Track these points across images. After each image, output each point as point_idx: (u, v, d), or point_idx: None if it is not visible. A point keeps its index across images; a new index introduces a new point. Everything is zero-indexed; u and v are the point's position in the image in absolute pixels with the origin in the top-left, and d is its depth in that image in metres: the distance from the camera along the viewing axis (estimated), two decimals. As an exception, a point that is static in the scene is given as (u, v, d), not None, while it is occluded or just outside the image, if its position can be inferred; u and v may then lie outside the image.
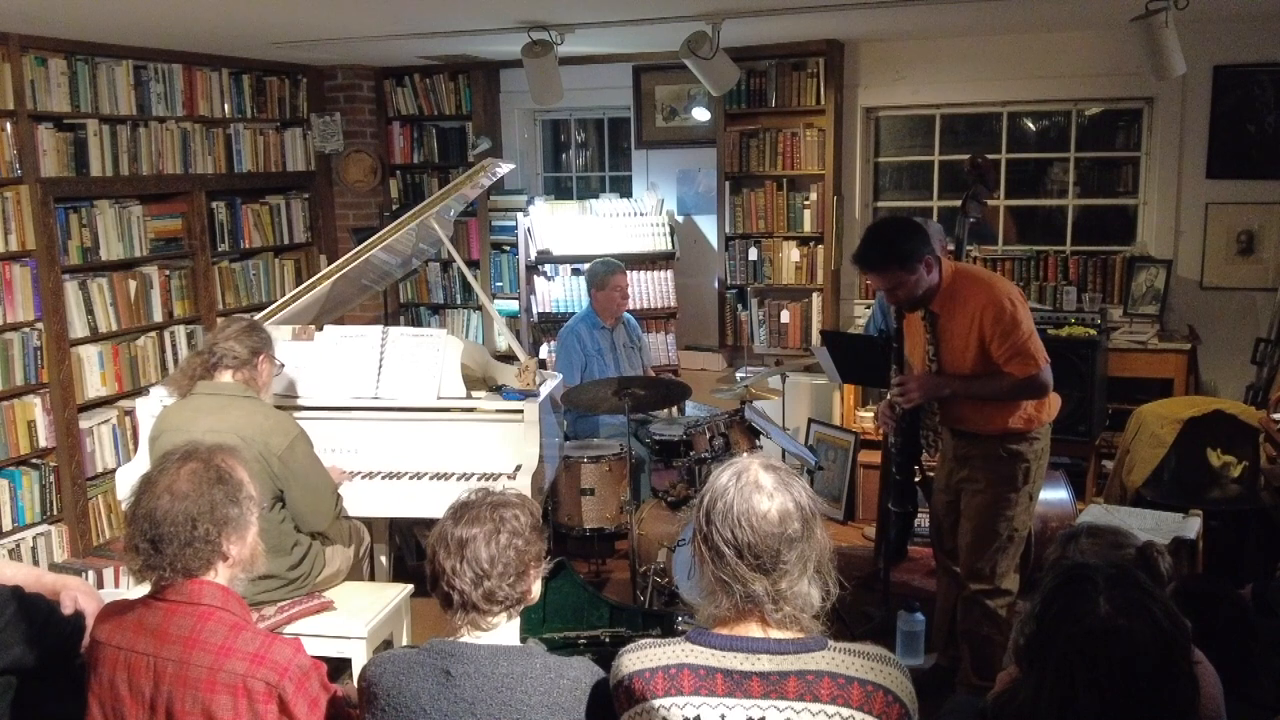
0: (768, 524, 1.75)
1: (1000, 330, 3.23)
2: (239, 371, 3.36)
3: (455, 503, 2.00)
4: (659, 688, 1.78)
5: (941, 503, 3.64)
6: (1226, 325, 5.33)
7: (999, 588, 3.45)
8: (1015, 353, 3.24)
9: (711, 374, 6.07)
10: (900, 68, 5.83)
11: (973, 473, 3.45)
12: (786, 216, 6.00)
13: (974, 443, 3.44)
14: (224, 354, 3.34)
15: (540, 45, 4.82)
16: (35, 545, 4.72)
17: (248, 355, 3.36)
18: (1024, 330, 3.24)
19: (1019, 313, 3.25)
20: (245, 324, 3.46)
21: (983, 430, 3.40)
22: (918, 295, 3.32)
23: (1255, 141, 5.21)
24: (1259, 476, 4.44)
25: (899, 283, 3.29)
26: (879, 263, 3.30)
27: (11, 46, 4.48)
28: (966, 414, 3.42)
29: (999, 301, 3.25)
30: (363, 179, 6.47)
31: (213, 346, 3.36)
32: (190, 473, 2.02)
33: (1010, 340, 3.23)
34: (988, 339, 3.26)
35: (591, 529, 4.63)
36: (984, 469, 3.41)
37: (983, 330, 3.26)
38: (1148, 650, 1.54)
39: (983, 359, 3.30)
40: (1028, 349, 3.24)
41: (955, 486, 3.54)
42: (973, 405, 3.39)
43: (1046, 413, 3.41)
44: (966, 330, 3.30)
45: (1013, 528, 3.42)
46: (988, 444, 3.40)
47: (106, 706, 2.00)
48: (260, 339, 3.44)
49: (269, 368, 3.48)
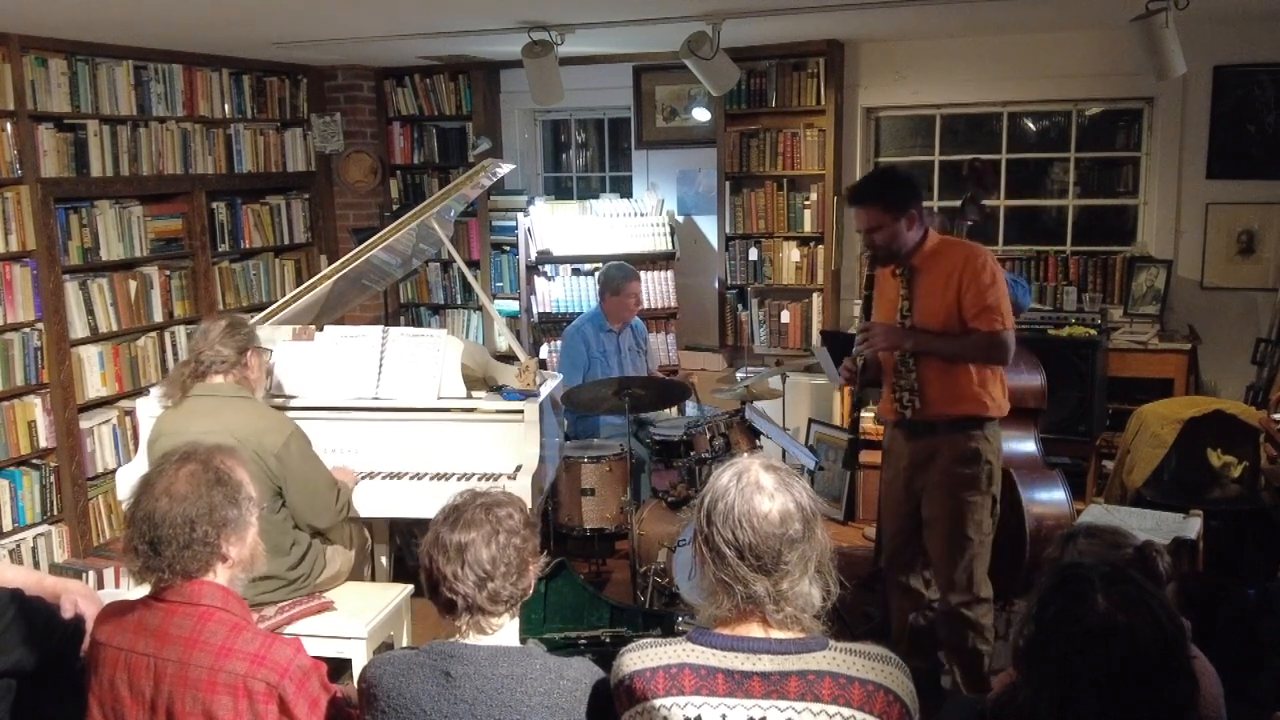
0: (769, 525, 1.75)
1: (977, 284, 3.27)
2: (230, 373, 3.35)
3: (445, 507, 1.99)
4: (660, 687, 1.78)
5: (902, 514, 3.55)
6: (1227, 325, 5.33)
7: (978, 596, 3.40)
8: (984, 307, 3.27)
9: (712, 374, 6.07)
10: (900, 68, 5.83)
11: (935, 478, 3.40)
12: (787, 217, 6.00)
13: (933, 437, 3.38)
14: (212, 360, 3.32)
15: (540, 45, 4.82)
16: (35, 546, 4.71)
17: (235, 356, 3.35)
18: (998, 290, 3.30)
19: (997, 274, 3.32)
20: (226, 324, 3.42)
21: (944, 408, 3.35)
22: (894, 246, 3.35)
23: (1255, 141, 5.21)
24: (1259, 476, 4.44)
25: (880, 224, 3.33)
26: (867, 198, 3.36)
27: (12, 47, 4.48)
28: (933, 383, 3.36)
29: (980, 258, 3.32)
30: (363, 179, 6.47)
31: (199, 355, 3.33)
32: (189, 474, 2.02)
33: (984, 295, 3.27)
34: (963, 290, 3.29)
35: (592, 529, 4.63)
36: (946, 474, 3.37)
37: (960, 283, 3.29)
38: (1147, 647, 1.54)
39: (956, 317, 3.32)
40: (998, 306, 3.29)
41: (914, 495, 3.48)
42: (940, 374, 3.35)
43: (1001, 406, 3.40)
44: (944, 285, 3.32)
45: (981, 533, 3.38)
46: (947, 439, 3.36)
47: (107, 707, 2.00)
48: (244, 335, 3.41)
49: (258, 361, 3.47)
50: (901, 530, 3.58)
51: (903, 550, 3.61)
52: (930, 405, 3.38)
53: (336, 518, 3.48)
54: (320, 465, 3.46)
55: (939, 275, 3.35)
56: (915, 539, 3.55)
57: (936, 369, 3.37)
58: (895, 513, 3.60)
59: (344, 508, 3.52)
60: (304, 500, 3.34)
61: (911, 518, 3.53)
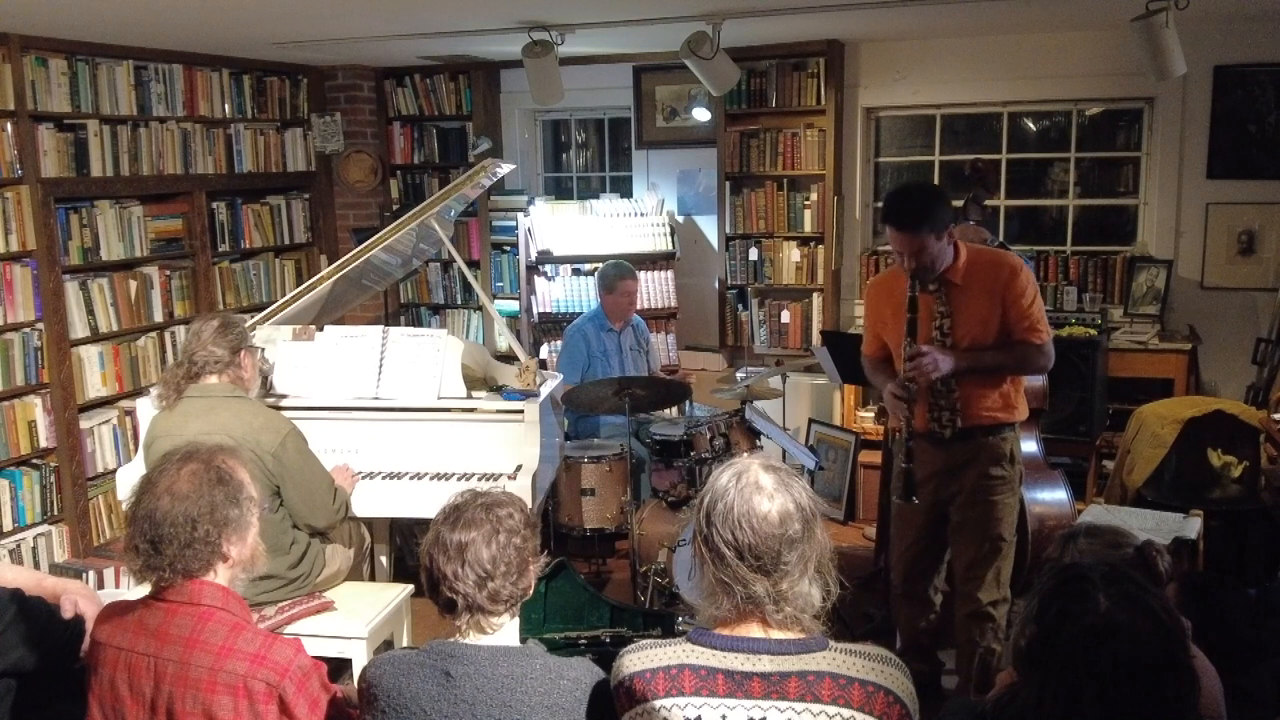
0: (768, 525, 1.75)
1: (1020, 300, 3.28)
2: (224, 373, 3.34)
3: (445, 507, 2.00)
4: (660, 688, 1.78)
5: (919, 524, 3.52)
6: (1227, 325, 5.33)
7: (1006, 596, 3.45)
8: (1031, 322, 3.29)
9: (712, 374, 6.07)
10: (900, 68, 5.82)
11: (967, 483, 3.39)
12: (787, 217, 6.00)
13: (968, 444, 3.37)
14: (205, 361, 3.31)
15: (540, 45, 4.83)
16: (36, 546, 4.72)
17: (229, 356, 3.34)
18: (1039, 302, 3.34)
19: (1032, 283, 3.34)
20: (218, 324, 3.40)
21: (981, 419, 3.35)
22: (937, 265, 3.29)
23: (1255, 141, 5.21)
24: (1260, 476, 4.44)
25: (923, 246, 3.23)
26: (913, 224, 3.22)
27: (12, 47, 4.48)
28: (972, 398, 3.34)
29: (1020, 274, 3.31)
30: (363, 179, 6.47)
31: (192, 356, 3.32)
32: (190, 474, 2.02)
33: (1029, 310, 3.29)
34: (1007, 306, 3.28)
35: (592, 529, 4.63)
36: (981, 475, 3.37)
37: (1005, 300, 3.27)
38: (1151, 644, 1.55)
39: (1000, 330, 3.31)
40: (1041, 317, 3.33)
41: (939, 503, 3.46)
42: (978, 389, 3.34)
43: (1025, 403, 3.45)
44: (988, 302, 3.29)
45: (1012, 533, 3.43)
46: (982, 444, 3.36)
47: (107, 707, 2.00)
48: (237, 335, 3.40)
49: (251, 360, 3.46)
50: (920, 540, 3.56)
51: (921, 560, 3.59)
52: (969, 421, 3.38)
53: (334, 518, 3.48)
54: (318, 465, 3.46)
55: (980, 292, 3.30)
56: (935, 548, 3.54)
57: (976, 385, 3.36)
58: (914, 523, 3.54)
59: (341, 508, 3.51)
60: (301, 500, 3.34)
61: (932, 526, 3.51)
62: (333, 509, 3.45)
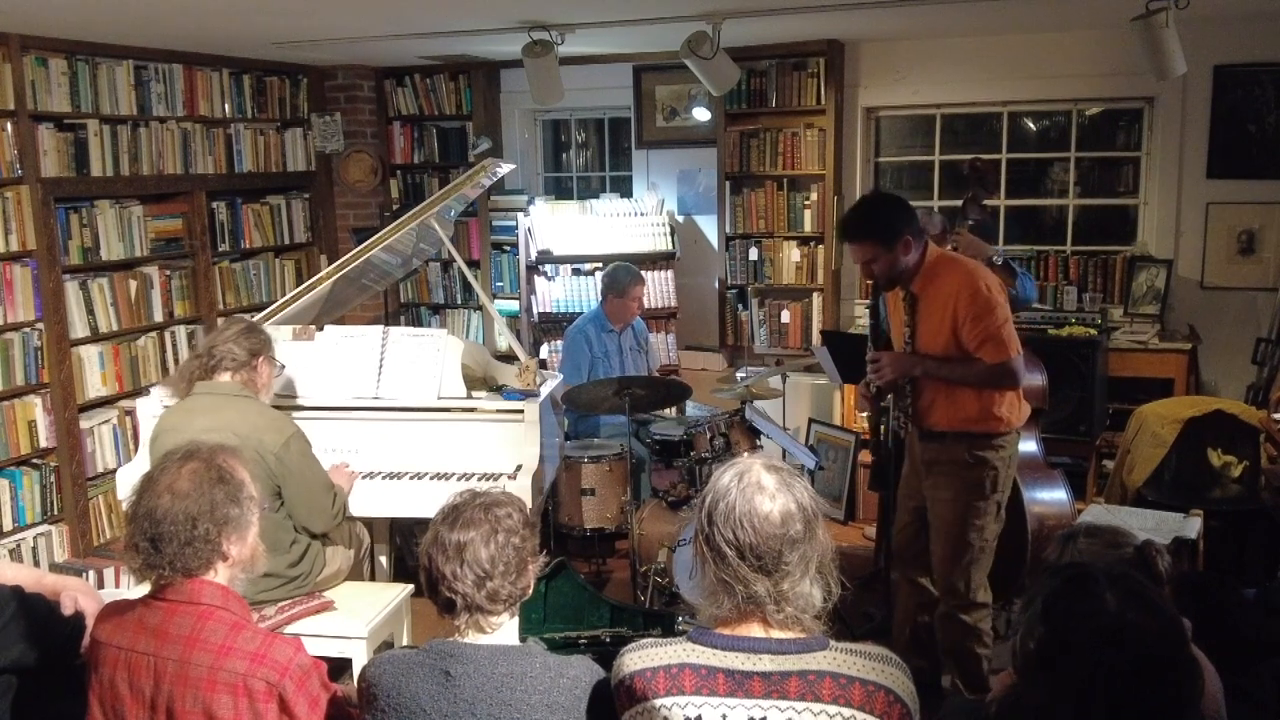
0: (770, 525, 1.75)
1: (974, 313, 3.22)
2: (238, 373, 3.36)
3: (444, 507, 2.00)
4: (660, 687, 1.78)
5: (907, 509, 3.60)
6: (1227, 325, 5.33)
7: (974, 601, 3.41)
8: (987, 337, 3.22)
9: (712, 374, 6.07)
10: (900, 68, 5.83)
11: (939, 479, 3.40)
12: (787, 216, 6.00)
13: (941, 445, 3.38)
14: (223, 356, 3.34)
15: (540, 45, 4.83)
16: (36, 545, 4.72)
17: (246, 357, 3.36)
18: (998, 317, 3.22)
19: (994, 299, 3.23)
20: (244, 325, 3.46)
21: (952, 426, 3.34)
22: (893, 274, 3.32)
23: (1255, 141, 5.21)
24: (1260, 476, 4.44)
25: (874, 256, 3.29)
26: (857, 234, 3.33)
27: (12, 46, 4.48)
28: (939, 404, 3.36)
29: (974, 285, 3.24)
30: (363, 179, 6.47)
31: (211, 349, 3.36)
32: (191, 472, 2.02)
33: (983, 324, 3.21)
34: (960, 321, 3.24)
35: (592, 529, 4.63)
36: (950, 476, 3.37)
37: (956, 312, 3.25)
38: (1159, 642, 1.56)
39: (955, 343, 3.28)
40: (1000, 335, 3.22)
41: (921, 494, 3.50)
42: (946, 395, 3.34)
43: (1017, 416, 3.37)
44: (941, 312, 3.29)
45: (983, 538, 3.37)
46: (954, 448, 3.35)
47: (107, 706, 2.00)
48: (259, 340, 3.43)
49: (269, 369, 3.48)
50: (911, 524, 3.60)
51: (911, 544, 3.61)
52: (934, 425, 3.39)
53: (332, 523, 3.48)
54: (319, 468, 3.46)
55: (935, 301, 3.32)
56: (923, 533, 3.56)
57: (939, 391, 3.36)
58: (905, 505, 3.62)
59: (340, 512, 3.51)
60: (302, 502, 3.35)
61: (919, 512, 3.55)
62: (331, 514, 3.45)
